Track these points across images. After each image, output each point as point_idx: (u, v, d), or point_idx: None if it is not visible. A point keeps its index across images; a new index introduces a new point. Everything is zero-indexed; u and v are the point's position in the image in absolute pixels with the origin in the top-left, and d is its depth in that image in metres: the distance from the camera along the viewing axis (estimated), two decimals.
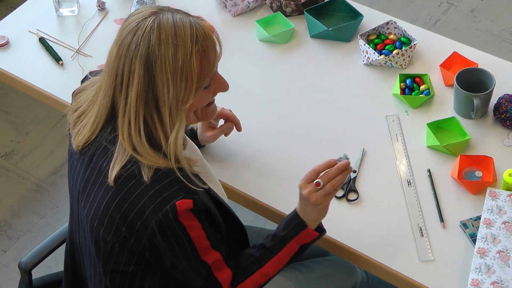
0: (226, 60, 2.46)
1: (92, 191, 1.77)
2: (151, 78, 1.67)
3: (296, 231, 1.86)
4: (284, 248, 1.86)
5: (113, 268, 1.78)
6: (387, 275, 1.98)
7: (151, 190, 1.69)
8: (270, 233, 1.89)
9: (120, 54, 1.69)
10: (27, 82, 2.44)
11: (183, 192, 1.70)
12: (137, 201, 1.70)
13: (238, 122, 2.16)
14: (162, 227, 1.69)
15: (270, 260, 1.85)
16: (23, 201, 3.19)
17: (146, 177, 1.69)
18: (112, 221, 1.72)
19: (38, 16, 2.62)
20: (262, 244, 1.87)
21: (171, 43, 1.67)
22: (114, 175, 1.71)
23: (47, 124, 3.43)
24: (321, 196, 1.83)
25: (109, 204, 1.72)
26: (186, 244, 1.72)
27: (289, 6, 2.55)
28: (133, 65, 1.68)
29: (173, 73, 1.67)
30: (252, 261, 1.85)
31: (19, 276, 2.19)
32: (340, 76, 2.40)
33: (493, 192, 2.05)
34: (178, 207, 1.68)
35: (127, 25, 1.71)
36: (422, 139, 2.22)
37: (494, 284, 1.88)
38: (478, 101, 2.19)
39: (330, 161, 1.84)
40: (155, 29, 1.67)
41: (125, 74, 1.69)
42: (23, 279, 2.16)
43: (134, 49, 1.67)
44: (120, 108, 1.71)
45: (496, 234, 1.97)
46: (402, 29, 2.45)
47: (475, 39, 3.65)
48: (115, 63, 1.70)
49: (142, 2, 2.56)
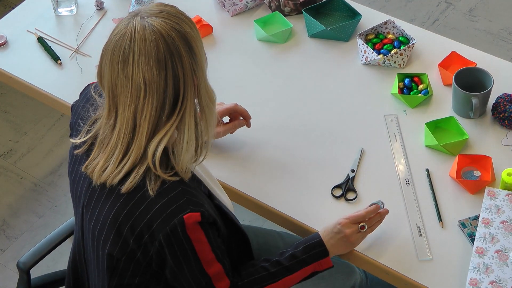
0: (224, 59, 2.47)
1: (98, 204, 1.76)
2: (194, 58, 1.69)
3: (319, 257, 1.90)
4: (301, 270, 1.89)
5: (118, 282, 1.78)
6: (386, 274, 1.98)
7: (159, 203, 1.69)
8: (286, 251, 1.90)
9: (163, 65, 1.65)
10: (25, 81, 2.44)
11: (190, 205, 1.69)
12: (145, 214, 1.69)
13: (250, 118, 2.19)
14: (170, 240, 1.69)
15: (284, 278, 1.88)
16: (21, 200, 3.18)
17: (151, 190, 1.69)
18: (120, 234, 1.72)
19: (36, 16, 2.62)
20: (277, 260, 1.88)
21: (181, 19, 1.69)
22: (128, 186, 1.70)
23: (46, 124, 3.43)
24: (361, 238, 1.93)
25: (116, 217, 1.71)
26: (190, 256, 1.72)
27: (288, 6, 2.55)
28: (182, 58, 1.66)
29: (201, 42, 1.72)
30: (266, 275, 1.87)
31: (17, 276, 2.18)
32: (338, 75, 2.40)
33: (491, 192, 2.05)
34: (186, 220, 1.68)
35: (141, 42, 1.65)
36: (421, 139, 2.22)
37: (493, 283, 1.88)
38: (477, 101, 2.20)
39: (377, 206, 1.96)
40: (161, 19, 1.66)
41: (179, 74, 1.67)
42: (21, 279, 2.15)
43: (174, 44, 1.65)
44: (171, 120, 1.69)
45: (494, 234, 1.97)
46: (401, 29, 2.45)
47: (474, 38, 3.65)
48: (162, 80, 1.66)
49: (140, 2, 2.56)
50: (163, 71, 1.65)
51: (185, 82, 1.68)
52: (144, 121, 1.67)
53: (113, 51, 1.67)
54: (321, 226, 2.04)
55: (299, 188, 2.13)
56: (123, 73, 1.66)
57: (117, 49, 1.67)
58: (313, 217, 2.07)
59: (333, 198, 2.11)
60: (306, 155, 2.20)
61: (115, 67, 1.67)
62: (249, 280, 1.86)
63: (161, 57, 1.64)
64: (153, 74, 1.65)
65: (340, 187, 2.13)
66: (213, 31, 2.54)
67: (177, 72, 1.66)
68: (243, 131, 2.21)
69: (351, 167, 2.17)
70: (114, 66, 1.67)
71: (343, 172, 2.16)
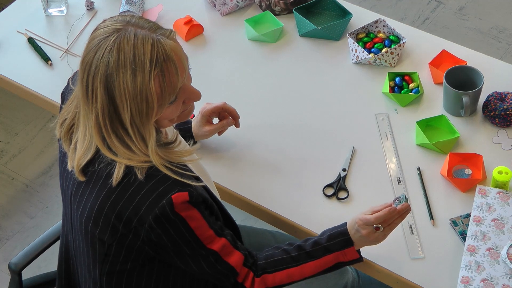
0: (215, 59, 2.47)
1: (85, 192, 1.76)
2: (111, 99, 1.65)
3: (343, 246, 1.86)
4: (324, 257, 1.85)
5: (110, 269, 1.78)
6: (378, 273, 1.99)
7: (145, 187, 1.69)
8: (308, 238, 1.88)
9: (83, 70, 1.68)
10: (16, 82, 2.44)
11: (178, 186, 1.69)
12: (132, 199, 1.69)
13: (238, 117, 2.17)
14: (160, 221, 1.69)
15: (306, 264, 1.85)
16: (12, 201, 3.18)
17: (139, 175, 1.69)
18: (108, 221, 1.72)
19: (26, 16, 2.61)
20: (300, 245, 1.86)
21: (129, 67, 1.63)
22: (116, 177, 1.70)
23: (37, 124, 3.42)
24: (381, 237, 1.86)
25: (103, 205, 1.72)
26: (187, 235, 1.72)
27: (278, 5, 2.55)
28: (95, 83, 1.66)
29: (132, 96, 1.64)
30: (288, 258, 1.85)
31: (9, 277, 2.18)
32: (329, 74, 2.40)
33: (482, 190, 2.05)
34: (174, 200, 1.68)
35: (91, 42, 1.68)
36: (412, 137, 2.23)
37: (484, 281, 1.89)
38: (467, 99, 2.20)
39: (386, 205, 1.86)
40: (114, 51, 1.63)
41: (89, 89, 1.67)
42: (13, 280, 2.15)
43: (95, 69, 1.65)
44: (93, 120, 1.69)
45: (485, 232, 1.97)
46: (391, 28, 2.45)
47: (464, 37, 3.66)
48: (83, 78, 1.68)
49: (131, 2, 2.56)
50: (82, 71, 1.69)
51: (92, 101, 1.69)
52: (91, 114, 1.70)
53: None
54: (313, 225, 2.05)
55: (291, 187, 2.13)
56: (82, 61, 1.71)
57: (89, 48, 1.70)
58: (304, 216, 2.07)
59: (324, 197, 2.11)
60: (297, 154, 2.20)
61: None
62: (269, 261, 1.84)
63: (84, 62, 1.68)
64: (80, 67, 1.70)
65: (331, 186, 2.13)
66: (204, 30, 2.54)
67: (88, 84, 1.68)
68: (234, 130, 2.21)
69: (343, 166, 2.17)
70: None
71: (335, 171, 2.16)
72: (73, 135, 1.78)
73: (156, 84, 1.65)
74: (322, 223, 2.04)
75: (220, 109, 2.14)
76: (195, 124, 2.15)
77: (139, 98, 1.65)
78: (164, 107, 1.69)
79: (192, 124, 2.16)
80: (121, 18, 1.70)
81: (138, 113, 1.66)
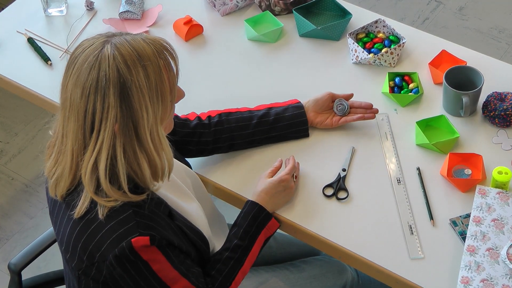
0: (214, 59, 2.47)
1: (58, 216, 1.76)
2: (129, 107, 1.62)
3: (263, 223, 1.96)
4: (256, 243, 1.94)
5: None
6: (377, 273, 1.99)
7: (107, 226, 1.66)
8: (238, 229, 1.94)
9: (87, 93, 1.62)
10: (15, 82, 2.44)
11: (140, 228, 1.66)
12: (94, 236, 1.67)
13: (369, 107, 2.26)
14: (121, 261, 1.66)
15: (247, 258, 1.92)
16: (12, 201, 3.18)
17: (101, 213, 1.66)
18: (75, 250, 1.70)
19: (26, 16, 2.61)
20: (236, 244, 1.91)
21: (139, 65, 1.62)
22: (79, 211, 1.68)
23: (36, 124, 3.42)
24: (285, 173, 2.04)
25: (70, 234, 1.70)
26: (148, 276, 1.69)
27: (278, 5, 2.55)
28: (107, 99, 1.61)
29: (149, 94, 1.63)
30: (233, 263, 1.89)
31: (8, 277, 2.18)
32: (329, 74, 2.40)
33: (482, 190, 2.05)
34: (134, 244, 1.65)
35: (83, 62, 1.63)
36: (412, 137, 2.23)
37: (484, 281, 1.89)
38: (467, 99, 2.20)
39: (279, 162, 2.10)
40: (118, 56, 1.61)
41: (98, 111, 1.62)
42: (12, 280, 2.15)
43: (105, 83, 1.60)
44: (88, 148, 1.64)
45: (485, 232, 1.97)
46: (391, 28, 2.45)
47: (464, 37, 3.66)
48: (82, 105, 1.63)
49: (130, 2, 2.56)
50: (85, 98, 1.62)
51: (102, 122, 1.63)
52: (66, 138, 1.67)
53: (71, 55, 1.67)
54: (313, 225, 2.05)
55: None
56: (64, 80, 1.67)
57: (72, 55, 1.67)
58: (304, 216, 2.07)
59: (324, 197, 2.11)
60: (297, 154, 2.20)
61: (65, 73, 1.68)
62: (222, 277, 1.87)
63: (87, 86, 1.62)
64: (77, 95, 1.63)
65: (331, 186, 2.13)
66: (204, 31, 2.54)
67: (95, 108, 1.62)
68: None
69: (342, 166, 2.17)
70: (65, 73, 1.68)
71: (334, 171, 2.16)
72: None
73: (166, 73, 1.66)
74: (322, 223, 2.04)
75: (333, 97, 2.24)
76: (315, 116, 2.23)
77: (155, 95, 1.64)
78: (173, 103, 1.71)
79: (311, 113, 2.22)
80: (94, 37, 1.68)
81: (154, 115, 1.65)
